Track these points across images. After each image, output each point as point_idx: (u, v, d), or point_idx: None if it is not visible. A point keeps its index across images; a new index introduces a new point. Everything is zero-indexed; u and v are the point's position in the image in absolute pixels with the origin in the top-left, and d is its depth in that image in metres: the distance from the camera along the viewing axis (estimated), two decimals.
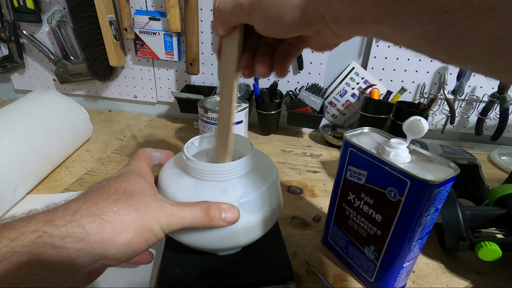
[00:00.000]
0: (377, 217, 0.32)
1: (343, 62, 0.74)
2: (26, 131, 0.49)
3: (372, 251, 0.33)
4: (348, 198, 0.35)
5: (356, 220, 0.35)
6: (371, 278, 0.35)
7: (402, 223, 0.29)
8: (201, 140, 0.38)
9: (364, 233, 0.34)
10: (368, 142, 0.33)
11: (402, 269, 0.33)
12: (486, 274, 0.39)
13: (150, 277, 0.36)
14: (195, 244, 0.31)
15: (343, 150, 0.34)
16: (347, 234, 0.37)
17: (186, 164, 0.32)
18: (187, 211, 0.27)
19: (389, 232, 0.31)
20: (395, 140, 0.31)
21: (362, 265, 0.35)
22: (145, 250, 0.26)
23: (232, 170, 0.31)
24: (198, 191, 0.30)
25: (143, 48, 0.76)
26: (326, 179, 0.58)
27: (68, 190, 0.52)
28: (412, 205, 0.28)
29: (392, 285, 0.34)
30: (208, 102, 0.60)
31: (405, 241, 0.30)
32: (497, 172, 0.64)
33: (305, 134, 0.79)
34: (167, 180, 0.32)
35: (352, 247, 0.36)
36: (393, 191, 0.29)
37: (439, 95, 0.68)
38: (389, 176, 0.29)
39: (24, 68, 0.85)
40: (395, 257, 0.31)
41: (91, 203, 0.24)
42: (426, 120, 0.29)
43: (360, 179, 0.33)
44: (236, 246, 0.33)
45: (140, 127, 0.79)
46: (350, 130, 0.35)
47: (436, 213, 0.30)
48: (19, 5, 0.72)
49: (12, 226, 0.20)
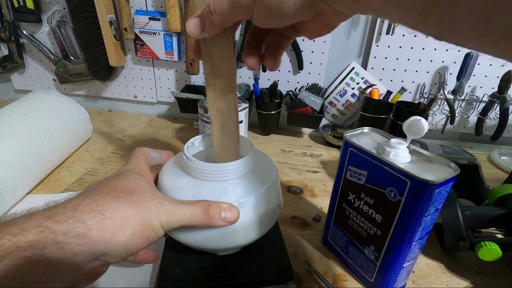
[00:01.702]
0: (377, 217, 0.32)
1: (343, 62, 0.74)
2: (26, 131, 0.49)
3: (372, 251, 0.33)
4: (348, 198, 0.35)
5: (356, 220, 0.35)
6: (371, 278, 0.35)
7: (402, 223, 0.29)
8: (201, 140, 0.38)
9: (364, 233, 0.34)
10: (368, 142, 0.33)
11: (402, 269, 0.33)
12: (486, 274, 0.39)
13: (150, 277, 0.36)
14: (195, 244, 0.31)
15: (343, 150, 0.34)
16: (347, 234, 0.37)
17: (186, 164, 0.32)
18: (187, 209, 0.27)
19: (389, 232, 0.31)
20: (395, 140, 0.31)
21: (362, 265, 0.35)
22: (146, 247, 0.26)
23: (232, 170, 0.31)
24: (198, 191, 0.30)
25: (143, 48, 0.76)
26: (326, 179, 0.58)
27: (68, 190, 0.52)
28: (412, 205, 0.28)
29: (392, 285, 0.34)
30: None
31: (405, 241, 0.30)
32: (497, 172, 0.64)
33: (305, 134, 0.79)
34: (167, 180, 0.32)
35: (352, 247, 0.36)
36: (393, 191, 0.29)
37: (439, 95, 0.68)
38: (389, 176, 0.29)
39: (24, 68, 0.85)
40: (395, 257, 0.31)
41: (91, 200, 0.24)
42: (426, 120, 0.29)
43: (360, 179, 0.33)
44: (236, 246, 0.33)
45: (140, 127, 0.79)
46: (350, 130, 0.35)
47: (436, 213, 0.30)
48: (19, 5, 0.72)
49: (13, 222, 0.21)
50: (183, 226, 0.28)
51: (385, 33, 0.67)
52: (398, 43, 0.68)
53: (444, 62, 0.68)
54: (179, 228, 0.29)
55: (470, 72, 0.64)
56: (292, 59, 0.73)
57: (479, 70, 0.67)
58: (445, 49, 0.66)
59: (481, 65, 0.66)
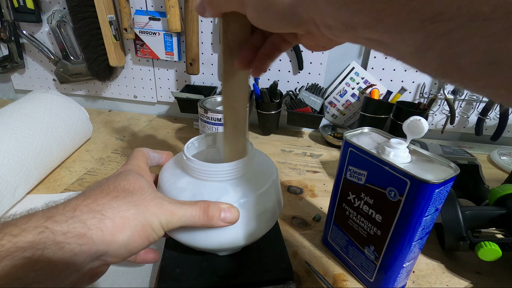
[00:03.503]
0: (377, 217, 0.32)
1: (343, 62, 0.74)
2: (26, 131, 0.49)
3: (372, 251, 0.33)
4: (348, 198, 0.35)
5: (356, 220, 0.35)
6: (371, 278, 0.35)
7: (402, 223, 0.29)
8: (201, 140, 0.38)
9: (364, 233, 0.34)
10: (368, 142, 0.33)
11: (402, 269, 0.33)
12: (486, 274, 0.39)
13: (150, 277, 0.36)
14: (195, 244, 0.31)
15: (343, 150, 0.34)
16: (347, 234, 0.37)
17: (186, 164, 0.32)
18: (186, 210, 0.27)
19: (389, 232, 0.31)
20: (395, 140, 0.31)
21: (362, 265, 0.35)
22: (146, 247, 0.26)
23: (232, 170, 0.31)
24: (199, 191, 0.30)
25: (143, 48, 0.76)
26: (326, 179, 0.58)
27: (68, 190, 0.52)
28: (412, 205, 0.28)
29: (392, 285, 0.34)
30: (208, 102, 0.60)
31: (405, 241, 0.30)
32: (497, 172, 0.64)
33: (305, 134, 0.79)
34: (167, 180, 0.32)
35: (352, 247, 0.36)
36: (393, 191, 0.29)
37: (439, 95, 0.68)
38: (389, 176, 0.29)
39: (24, 68, 0.85)
40: (395, 257, 0.31)
41: (90, 200, 0.24)
42: (426, 120, 0.29)
43: (360, 179, 0.33)
44: (236, 246, 0.33)
45: (140, 127, 0.79)
46: (350, 130, 0.35)
47: (436, 213, 0.30)
48: (19, 5, 0.72)
49: (13, 223, 0.21)
50: (182, 226, 0.28)
51: None
52: None
53: None
54: (179, 229, 0.29)
55: None
56: (292, 59, 0.73)
57: None
58: None
59: None
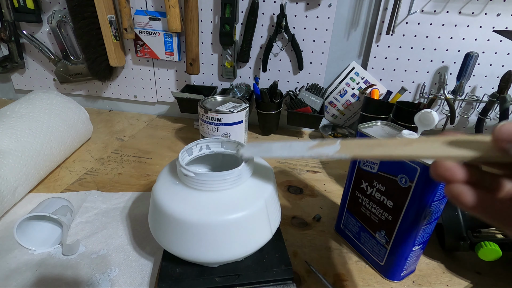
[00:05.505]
0: (389, 203, 0.34)
1: (343, 62, 0.74)
2: (26, 131, 0.49)
3: (383, 236, 0.35)
4: (361, 186, 0.37)
5: (369, 207, 0.37)
6: (381, 262, 0.37)
7: (412, 208, 0.31)
8: (195, 147, 0.38)
9: (376, 219, 0.36)
10: (380, 133, 0.35)
11: (411, 252, 0.34)
12: (486, 274, 0.39)
13: (150, 277, 0.36)
14: (188, 258, 0.31)
15: None
16: (359, 220, 0.39)
17: (181, 173, 0.32)
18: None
19: (399, 216, 0.33)
20: (406, 131, 0.33)
21: (373, 249, 0.37)
22: None
23: (227, 179, 0.31)
24: (195, 201, 0.31)
25: (143, 48, 0.76)
26: (326, 179, 0.58)
27: (68, 190, 0.52)
28: (422, 190, 0.30)
29: (402, 267, 0.35)
30: (208, 102, 0.60)
31: (414, 225, 0.32)
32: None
33: (305, 134, 0.79)
34: (162, 189, 0.33)
35: (364, 233, 0.38)
36: (404, 177, 0.31)
37: (439, 95, 0.68)
38: (400, 164, 0.31)
39: (24, 68, 0.85)
40: (405, 240, 0.33)
41: None
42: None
43: (373, 167, 0.35)
44: (232, 260, 0.33)
45: (140, 127, 0.79)
46: (363, 123, 0.36)
47: (445, 199, 0.32)
48: (19, 5, 0.72)
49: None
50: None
51: (385, 33, 0.67)
52: (398, 43, 0.68)
53: (444, 62, 0.68)
54: (173, 241, 0.29)
55: (470, 72, 0.64)
56: (292, 59, 0.73)
57: (479, 70, 0.66)
58: (445, 49, 0.66)
59: (481, 65, 0.66)
